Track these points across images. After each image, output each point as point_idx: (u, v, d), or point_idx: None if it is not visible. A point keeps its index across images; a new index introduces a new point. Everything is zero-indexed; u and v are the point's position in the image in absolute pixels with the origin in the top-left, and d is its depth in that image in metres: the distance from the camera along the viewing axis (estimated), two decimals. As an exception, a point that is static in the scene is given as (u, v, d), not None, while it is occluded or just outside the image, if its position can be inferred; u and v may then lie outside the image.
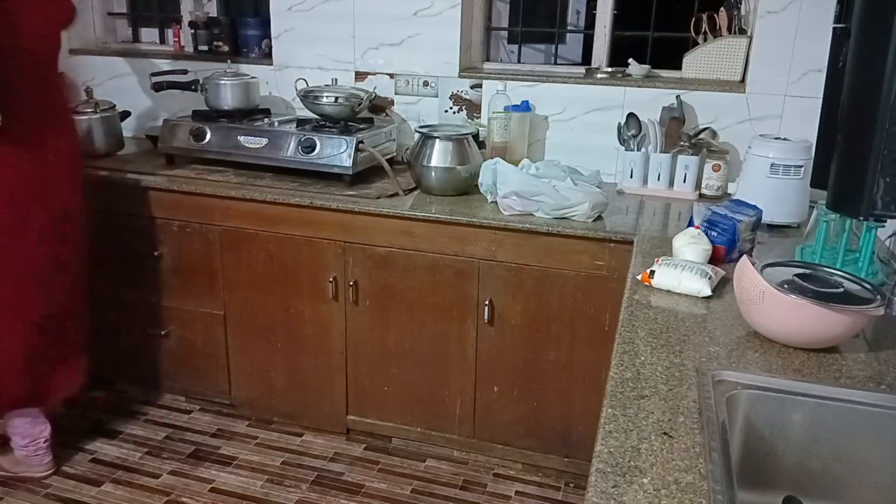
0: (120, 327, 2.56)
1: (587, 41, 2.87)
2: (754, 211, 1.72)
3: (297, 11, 2.66)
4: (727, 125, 2.36)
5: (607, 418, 0.99)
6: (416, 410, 2.33)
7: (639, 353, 1.20)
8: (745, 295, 1.27)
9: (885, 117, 1.08)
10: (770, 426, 1.10)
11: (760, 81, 2.30)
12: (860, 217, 1.18)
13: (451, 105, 2.62)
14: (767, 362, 1.19)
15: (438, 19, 2.53)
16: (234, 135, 2.39)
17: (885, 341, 1.30)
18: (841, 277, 1.28)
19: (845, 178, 1.19)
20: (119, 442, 2.42)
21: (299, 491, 2.21)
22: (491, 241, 2.07)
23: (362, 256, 2.21)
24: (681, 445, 0.93)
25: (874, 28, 1.09)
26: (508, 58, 2.96)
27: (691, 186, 2.31)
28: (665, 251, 1.71)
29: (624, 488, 0.85)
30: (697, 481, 0.86)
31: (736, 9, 2.41)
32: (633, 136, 2.36)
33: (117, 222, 2.43)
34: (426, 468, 2.34)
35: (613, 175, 2.47)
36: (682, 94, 2.36)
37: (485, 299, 2.12)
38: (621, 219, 2.08)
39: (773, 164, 1.96)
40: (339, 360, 2.34)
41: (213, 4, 3.03)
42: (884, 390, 1.11)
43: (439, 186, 2.23)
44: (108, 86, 2.93)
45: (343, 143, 2.26)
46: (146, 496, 2.16)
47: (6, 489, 2.16)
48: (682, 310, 1.40)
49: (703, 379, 1.11)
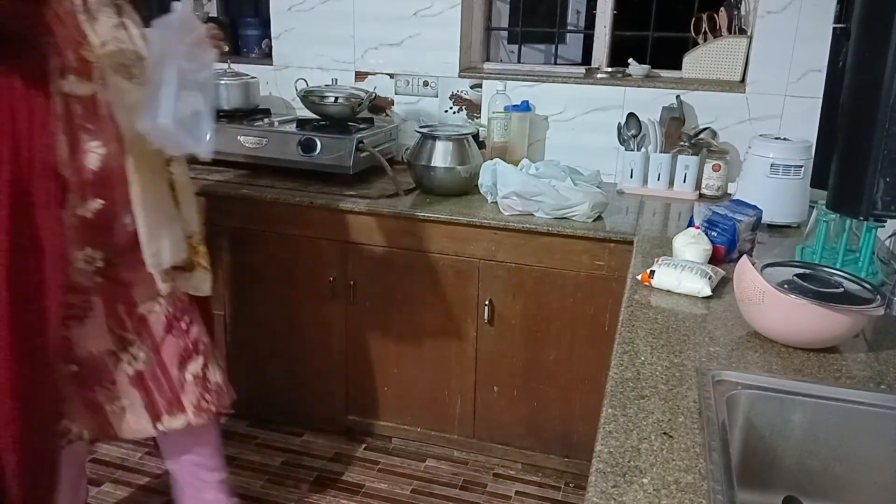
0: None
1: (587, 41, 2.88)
2: (754, 211, 1.72)
3: (297, 11, 2.66)
4: (727, 125, 2.36)
5: (607, 418, 0.99)
6: (416, 410, 2.33)
7: (639, 353, 1.20)
8: (745, 295, 1.27)
9: (885, 117, 1.08)
10: (770, 426, 1.10)
11: (760, 81, 2.30)
12: (860, 217, 1.18)
13: (451, 105, 2.62)
14: (767, 362, 1.19)
15: (438, 19, 2.53)
16: (233, 135, 2.38)
17: (885, 341, 1.30)
18: (841, 277, 1.28)
19: (845, 178, 1.19)
20: (119, 442, 2.41)
21: (299, 491, 2.21)
22: (491, 241, 2.07)
23: (362, 256, 2.21)
24: (681, 445, 0.93)
25: (874, 28, 1.09)
26: (508, 58, 2.96)
27: (691, 186, 2.31)
28: (665, 251, 1.71)
29: (624, 488, 0.85)
30: (697, 481, 0.86)
31: (736, 9, 2.41)
32: (633, 136, 2.36)
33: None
34: (426, 468, 2.34)
35: (613, 175, 2.47)
36: (682, 94, 2.36)
37: (485, 299, 2.12)
38: (621, 219, 2.08)
39: (773, 164, 1.96)
40: (339, 360, 2.34)
41: (212, 4, 3.03)
42: (884, 390, 1.11)
43: (439, 186, 2.23)
44: (108, 86, 2.93)
45: (343, 143, 2.26)
46: (146, 496, 2.16)
47: (6, 489, 2.16)
48: (682, 310, 1.40)
49: (703, 379, 1.11)
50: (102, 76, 1.42)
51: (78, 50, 1.39)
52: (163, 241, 1.56)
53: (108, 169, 1.45)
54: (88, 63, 1.40)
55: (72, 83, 1.38)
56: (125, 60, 1.47)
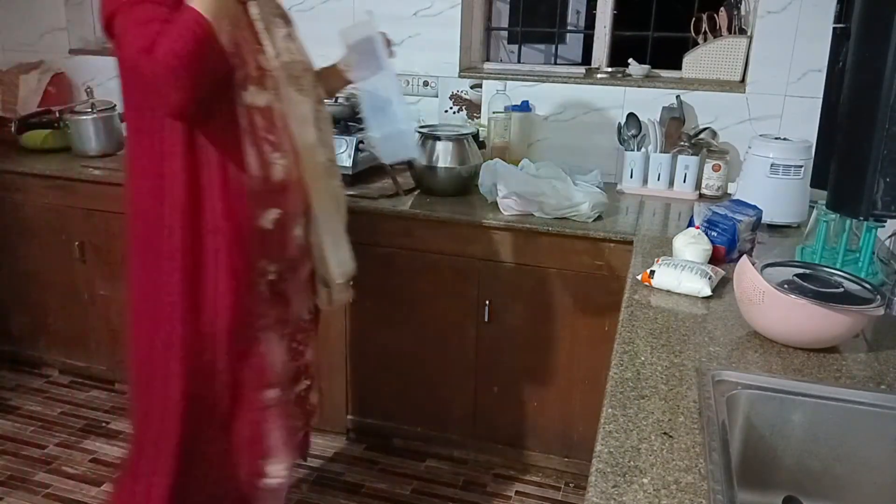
0: (120, 327, 2.56)
1: (587, 41, 2.88)
2: (754, 211, 1.72)
3: (297, 11, 2.66)
4: (727, 125, 2.36)
5: (607, 418, 0.99)
6: (416, 410, 2.33)
7: (639, 353, 1.20)
8: (745, 295, 1.27)
9: (885, 117, 1.08)
10: (770, 426, 1.10)
11: (760, 81, 2.30)
12: (860, 217, 1.18)
13: (451, 105, 2.62)
14: (767, 362, 1.19)
15: (438, 19, 2.53)
16: (234, 135, 2.38)
17: (885, 341, 1.30)
18: (841, 277, 1.28)
19: (845, 178, 1.19)
20: (119, 442, 2.41)
21: (299, 491, 2.20)
22: (491, 241, 2.07)
23: (362, 256, 2.20)
24: (681, 445, 0.93)
25: (874, 28, 1.09)
26: (508, 58, 2.96)
27: (691, 186, 2.31)
28: (665, 251, 1.71)
29: (624, 488, 0.85)
30: (697, 481, 0.86)
31: (736, 9, 2.41)
32: (633, 136, 2.36)
33: (117, 222, 2.43)
34: (426, 468, 2.33)
35: (613, 175, 2.46)
36: (682, 94, 2.36)
37: (485, 299, 2.12)
38: (621, 219, 2.08)
39: (773, 164, 1.96)
40: (339, 360, 2.34)
41: (213, 4, 3.03)
42: (884, 390, 1.11)
43: (439, 186, 2.23)
44: (108, 86, 2.92)
45: (343, 143, 2.25)
46: (146, 496, 2.16)
47: (6, 489, 2.16)
48: (682, 310, 1.40)
49: (703, 379, 1.11)
50: (276, 87, 1.41)
51: (257, 59, 1.38)
52: (343, 251, 1.59)
53: (286, 180, 1.44)
54: (265, 73, 1.39)
55: (252, 94, 1.37)
56: (295, 71, 1.47)
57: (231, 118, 1.35)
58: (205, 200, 1.37)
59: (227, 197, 1.37)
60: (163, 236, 1.38)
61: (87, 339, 2.65)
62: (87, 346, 2.66)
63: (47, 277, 2.62)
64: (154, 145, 1.36)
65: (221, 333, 1.42)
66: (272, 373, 1.52)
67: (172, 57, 1.19)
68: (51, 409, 2.60)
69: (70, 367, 2.75)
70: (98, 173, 2.41)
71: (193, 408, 1.44)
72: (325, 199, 1.54)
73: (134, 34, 1.23)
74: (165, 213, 1.37)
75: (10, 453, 2.33)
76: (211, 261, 1.39)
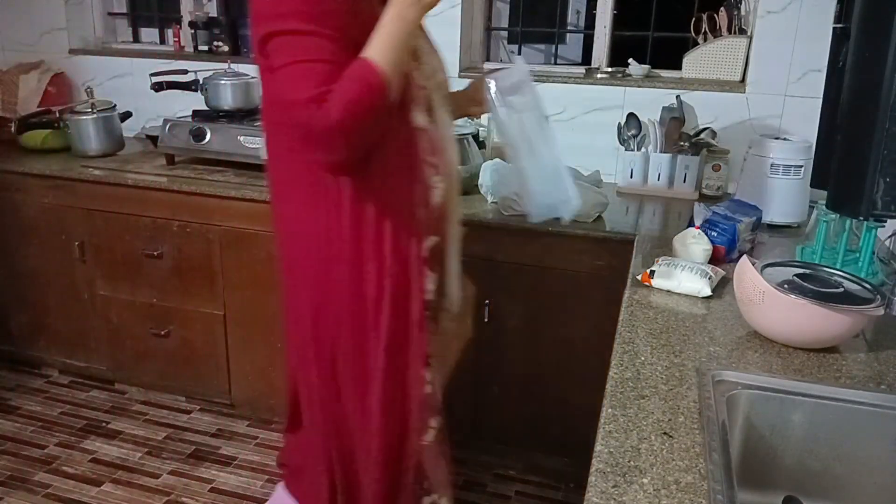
0: (120, 327, 2.56)
1: (587, 41, 2.88)
2: (754, 211, 1.72)
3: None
4: (727, 125, 2.36)
5: (607, 418, 0.99)
6: (416, 410, 2.32)
7: (639, 353, 1.20)
8: (745, 295, 1.27)
9: (885, 117, 1.08)
10: (770, 426, 1.10)
11: (760, 81, 2.30)
12: (860, 217, 1.18)
13: (451, 105, 2.62)
14: (767, 362, 1.19)
15: (438, 19, 2.52)
16: (234, 135, 2.38)
17: (885, 341, 1.30)
18: (841, 277, 1.28)
19: (845, 178, 1.19)
20: (119, 442, 2.42)
21: (299, 491, 2.20)
22: (491, 241, 2.07)
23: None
24: (681, 445, 0.93)
25: (874, 28, 1.09)
26: (508, 58, 2.96)
27: (691, 186, 2.31)
28: (665, 251, 1.71)
29: (624, 488, 0.85)
30: (697, 481, 0.86)
31: (736, 9, 2.41)
32: (633, 136, 2.36)
33: (117, 222, 2.43)
34: (426, 468, 2.33)
35: (613, 175, 2.46)
36: (682, 94, 2.36)
37: (485, 299, 2.12)
38: (621, 219, 2.08)
39: (773, 164, 1.96)
40: (339, 360, 2.34)
41: (212, 4, 3.03)
42: (884, 390, 1.11)
43: (439, 186, 2.22)
44: (108, 86, 2.93)
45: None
46: (146, 496, 2.16)
47: (6, 489, 2.16)
48: (682, 310, 1.40)
49: (703, 379, 1.11)
50: (430, 107, 1.32)
51: (415, 78, 1.29)
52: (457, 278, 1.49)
53: (443, 205, 1.37)
54: (422, 91, 1.30)
55: (416, 115, 1.28)
56: (445, 91, 1.38)
57: (398, 142, 1.27)
58: (371, 233, 1.28)
59: (394, 228, 1.29)
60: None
61: (87, 339, 2.65)
62: (87, 346, 2.66)
63: (47, 277, 2.62)
64: (314, 183, 1.27)
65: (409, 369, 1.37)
66: (435, 399, 1.46)
67: (347, 116, 1.09)
68: (51, 409, 2.60)
69: (70, 367, 2.75)
70: (98, 173, 2.41)
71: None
72: (455, 225, 1.46)
73: (298, 74, 1.11)
74: (334, 262, 1.30)
75: (10, 453, 2.33)
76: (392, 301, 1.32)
